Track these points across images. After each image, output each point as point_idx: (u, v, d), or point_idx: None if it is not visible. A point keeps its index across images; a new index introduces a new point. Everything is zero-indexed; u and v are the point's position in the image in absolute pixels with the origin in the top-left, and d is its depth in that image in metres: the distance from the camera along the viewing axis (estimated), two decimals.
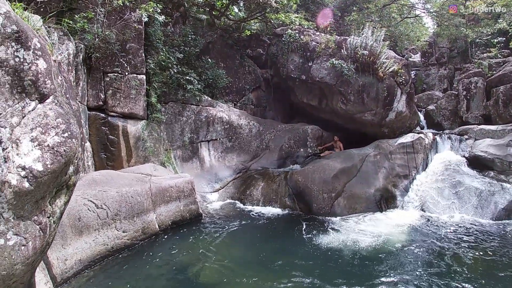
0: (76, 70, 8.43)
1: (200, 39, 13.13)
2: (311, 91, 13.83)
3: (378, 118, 12.37)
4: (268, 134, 13.34)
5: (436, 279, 6.14)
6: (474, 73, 15.32)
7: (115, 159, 9.73)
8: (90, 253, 6.46)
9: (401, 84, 12.38)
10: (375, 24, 14.73)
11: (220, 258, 7.08)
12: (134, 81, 9.94)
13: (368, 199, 10.18)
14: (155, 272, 6.40)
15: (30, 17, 4.19)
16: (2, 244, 3.17)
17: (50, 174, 3.41)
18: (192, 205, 8.98)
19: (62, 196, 3.98)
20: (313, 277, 6.25)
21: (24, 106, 3.46)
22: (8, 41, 3.34)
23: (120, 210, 7.18)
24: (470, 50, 18.96)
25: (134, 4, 9.63)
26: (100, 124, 9.54)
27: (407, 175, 11.12)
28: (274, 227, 9.00)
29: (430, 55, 21.70)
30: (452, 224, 8.97)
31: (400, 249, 7.45)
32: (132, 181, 8.07)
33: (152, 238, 7.77)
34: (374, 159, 11.28)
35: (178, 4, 12.94)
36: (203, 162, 12.02)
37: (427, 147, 11.95)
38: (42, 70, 3.57)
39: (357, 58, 12.10)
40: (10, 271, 3.26)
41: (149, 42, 10.62)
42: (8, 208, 3.19)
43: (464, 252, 7.23)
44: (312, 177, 10.45)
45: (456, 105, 15.72)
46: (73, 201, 6.34)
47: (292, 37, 13.58)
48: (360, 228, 8.73)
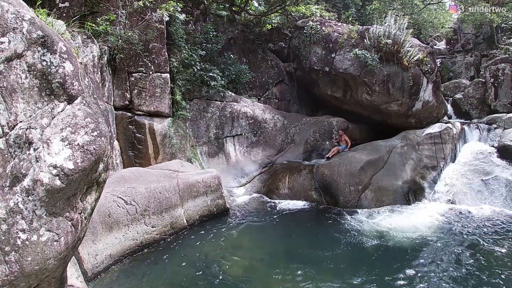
0: (102, 71, 8.64)
1: (222, 36, 13.20)
2: (335, 83, 13.69)
3: (404, 108, 12.12)
4: (293, 128, 13.31)
5: (466, 273, 6.02)
6: (501, 60, 14.83)
7: (142, 156, 9.95)
8: (120, 248, 6.65)
9: (427, 72, 12.07)
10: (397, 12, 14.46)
11: (248, 252, 7.15)
12: (158, 80, 10.10)
13: (395, 192, 10.01)
14: (184, 266, 6.53)
15: (54, 22, 4.33)
16: (35, 240, 3.31)
17: (80, 172, 3.53)
18: (219, 200, 9.09)
19: (92, 193, 4.12)
20: (342, 271, 6.24)
21: (53, 108, 3.59)
22: (34, 46, 3.47)
23: (148, 205, 7.35)
24: (496, 35, 18.31)
25: (154, 4, 9.76)
26: (127, 123, 9.77)
27: (435, 167, 10.86)
28: (301, 221, 9.00)
29: (456, 42, 21.03)
30: (481, 216, 8.74)
31: (428, 242, 7.32)
32: (160, 177, 8.24)
33: (180, 232, 7.92)
34: (401, 151, 11.08)
35: (198, 2, 13.03)
36: (229, 157, 12.11)
37: (455, 137, 11.65)
38: (69, 72, 3.69)
39: (381, 47, 11.86)
40: (43, 265, 3.40)
41: (171, 41, 10.75)
42: (40, 206, 3.33)
43: (493, 246, 7.05)
44: (338, 170, 10.37)
45: (483, 93, 15.26)
46: (103, 198, 6.53)
47: (314, 29, 13.45)
48: (388, 221, 8.62)
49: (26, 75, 3.43)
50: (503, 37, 17.40)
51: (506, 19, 17.03)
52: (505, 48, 15.60)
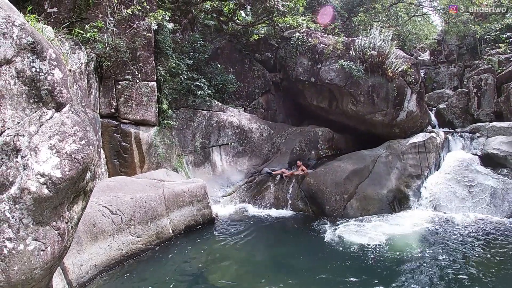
0: (88, 78, 8.57)
1: (209, 45, 13.24)
2: (320, 93, 13.83)
3: (388, 118, 12.32)
4: (279, 138, 13.37)
5: (452, 280, 6.09)
6: (484, 70, 15.19)
7: (128, 165, 9.84)
8: (105, 258, 6.54)
9: (411, 83, 12.32)
10: (382, 24, 14.74)
11: (234, 262, 7.11)
12: (145, 88, 10.06)
13: (381, 200, 10.13)
14: (170, 277, 6.45)
15: (44, 28, 4.30)
16: (22, 249, 3.25)
17: (68, 180, 3.49)
18: (205, 210, 9.04)
19: (79, 202, 4.07)
20: (327, 280, 6.24)
21: (42, 115, 3.55)
22: (24, 52, 3.44)
23: (134, 215, 7.26)
24: (479, 46, 18.79)
25: (143, 12, 9.75)
26: (113, 131, 9.67)
27: (420, 175, 11.04)
28: (287, 230, 9.01)
29: (439, 53, 21.50)
30: (466, 223, 8.88)
31: (414, 250, 7.39)
32: (145, 186, 8.16)
33: (166, 242, 7.83)
34: (386, 160, 11.23)
35: (186, 11, 13.08)
36: (215, 166, 12.08)
37: (439, 146, 11.87)
38: (58, 79, 3.66)
39: (366, 58, 12.08)
40: (29, 275, 3.34)
41: (159, 50, 10.74)
42: (27, 214, 3.27)
43: (479, 252, 7.15)
44: (324, 179, 10.44)
45: (467, 102, 15.57)
46: (88, 207, 6.40)
47: (300, 40, 13.61)
48: (373, 229, 8.68)
49: (15, 81, 3.39)
50: (486, 48, 17.87)
51: (489, 31, 17.52)
52: (488, 58, 16.03)
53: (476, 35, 18.32)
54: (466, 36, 19.50)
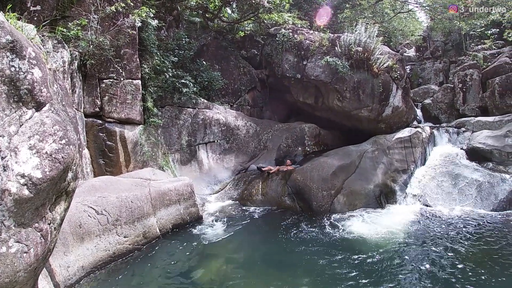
0: (72, 77, 8.45)
1: (194, 42, 13.18)
2: (306, 89, 13.88)
3: (374, 114, 12.42)
4: (266, 134, 13.38)
5: (439, 272, 6.18)
6: (469, 66, 15.40)
7: (113, 165, 9.74)
8: (92, 259, 6.47)
9: (396, 79, 12.43)
10: (368, 21, 14.82)
11: (222, 260, 7.11)
12: (129, 86, 9.95)
13: (367, 195, 10.22)
14: (158, 276, 6.42)
15: (24, 26, 4.21)
16: (4, 251, 3.20)
17: (49, 181, 3.44)
18: (192, 208, 9.00)
19: (62, 202, 4.01)
20: (316, 275, 6.28)
21: (21, 115, 3.48)
22: (3, 51, 3.37)
23: (120, 215, 7.19)
24: (465, 42, 19.02)
25: (127, 9, 9.63)
26: (98, 130, 9.56)
27: (406, 170, 11.17)
28: (275, 227, 9.02)
29: (425, 49, 21.73)
30: (453, 217, 9.02)
31: (401, 243, 7.48)
32: (131, 186, 8.09)
33: (154, 242, 7.78)
34: (372, 155, 11.33)
35: (171, 8, 12.97)
36: (202, 164, 12.04)
37: (424, 141, 12.02)
38: (37, 78, 3.60)
39: (351, 55, 12.15)
40: (13, 278, 3.29)
41: (143, 47, 10.63)
42: (9, 216, 3.21)
43: (466, 244, 7.26)
44: (310, 175, 10.47)
45: (452, 98, 15.79)
46: (73, 208, 6.36)
47: (286, 36, 13.62)
48: (360, 224, 8.76)
49: None
50: (471, 44, 18.09)
51: (474, 27, 17.73)
52: (473, 54, 16.24)
53: (461, 31, 18.52)
54: (451, 32, 19.73)
